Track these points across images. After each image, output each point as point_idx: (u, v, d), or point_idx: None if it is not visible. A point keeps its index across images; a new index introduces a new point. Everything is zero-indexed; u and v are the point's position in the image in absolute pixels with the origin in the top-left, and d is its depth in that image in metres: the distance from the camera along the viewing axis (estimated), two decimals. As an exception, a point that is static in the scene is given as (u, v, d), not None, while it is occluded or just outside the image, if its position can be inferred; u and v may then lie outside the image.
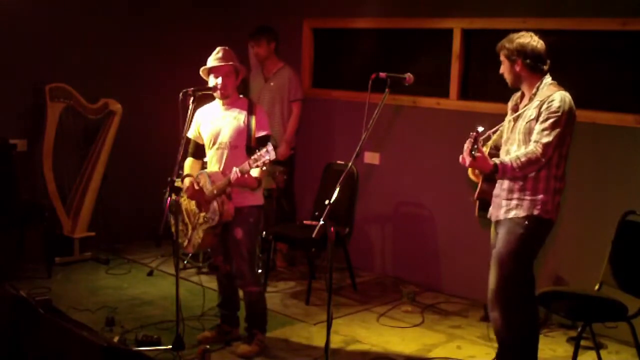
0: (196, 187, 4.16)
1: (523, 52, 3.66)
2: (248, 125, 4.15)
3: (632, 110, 4.64)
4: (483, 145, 3.91)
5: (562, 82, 3.75)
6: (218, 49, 4.22)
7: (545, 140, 3.55)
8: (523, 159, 3.56)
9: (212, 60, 4.17)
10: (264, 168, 3.97)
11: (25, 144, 5.74)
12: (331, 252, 3.56)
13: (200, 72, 4.24)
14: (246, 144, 4.14)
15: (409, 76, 3.79)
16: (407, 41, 5.84)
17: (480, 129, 3.52)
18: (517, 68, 3.68)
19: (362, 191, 5.80)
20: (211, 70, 4.18)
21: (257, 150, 3.87)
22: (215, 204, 4.10)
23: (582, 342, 4.11)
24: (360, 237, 6.00)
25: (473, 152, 3.49)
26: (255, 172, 4.03)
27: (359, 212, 5.83)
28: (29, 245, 5.65)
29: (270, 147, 3.81)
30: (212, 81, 4.15)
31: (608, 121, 4.71)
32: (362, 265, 5.99)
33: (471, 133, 3.51)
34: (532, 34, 3.72)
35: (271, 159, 3.82)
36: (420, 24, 5.63)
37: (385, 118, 5.46)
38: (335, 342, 4.48)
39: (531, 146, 3.59)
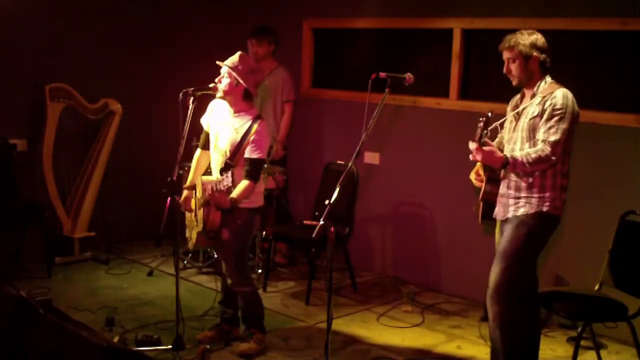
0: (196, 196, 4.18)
1: (538, 48, 3.66)
2: (242, 139, 4.11)
3: (632, 110, 4.65)
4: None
5: (562, 82, 3.75)
6: (238, 53, 4.20)
7: (553, 138, 3.56)
8: (533, 156, 3.56)
9: (226, 60, 4.17)
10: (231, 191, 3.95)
11: (25, 144, 5.74)
12: (331, 252, 3.56)
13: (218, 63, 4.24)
14: (233, 155, 4.11)
15: (408, 76, 3.78)
16: (407, 41, 5.84)
17: (490, 114, 3.52)
18: (532, 65, 3.67)
19: (362, 191, 5.81)
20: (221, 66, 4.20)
21: (222, 173, 3.92)
22: (201, 212, 4.10)
23: (582, 342, 4.11)
24: (360, 237, 6.00)
25: (482, 140, 3.50)
26: (233, 193, 4.01)
27: (359, 212, 5.83)
28: (29, 245, 5.65)
29: (229, 173, 3.84)
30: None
31: (608, 121, 4.72)
32: (362, 265, 5.99)
33: (480, 119, 3.51)
34: (534, 31, 3.73)
35: (229, 185, 3.84)
36: (420, 24, 5.63)
37: (385, 118, 5.46)
38: (335, 342, 4.48)
39: (539, 145, 3.59)
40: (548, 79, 3.71)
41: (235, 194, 4.01)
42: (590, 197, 4.79)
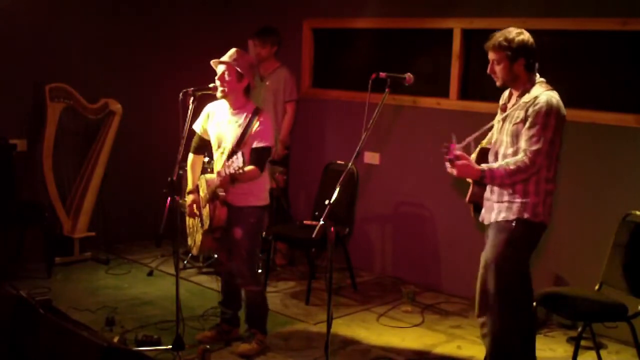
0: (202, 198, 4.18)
1: (525, 51, 3.56)
2: (244, 131, 4.12)
3: (632, 110, 4.64)
4: (477, 146, 3.86)
5: (561, 82, 3.74)
6: (233, 49, 4.21)
7: (534, 147, 3.47)
8: (512, 167, 3.49)
9: (223, 57, 4.17)
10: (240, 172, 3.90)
11: (25, 144, 5.74)
12: (331, 252, 3.56)
13: (212, 63, 4.23)
14: (236, 147, 4.10)
15: (408, 76, 3.77)
16: (407, 41, 5.84)
17: (454, 138, 3.48)
18: (517, 67, 3.58)
19: (362, 191, 5.80)
20: (218, 64, 4.18)
21: (229, 158, 3.90)
22: (207, 208, 4.10)
23: (582, 342, 4.11)
24: (360, 237, 6.00)
25: (449, 163, 3.48)
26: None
27: (359, 212, 5.83)
28: (29, 245, 5.65)
29: (240, 153, 3.80)
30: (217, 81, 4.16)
31: (608, 121, 4.71)
32: (362, 265, 5.99)
33: (444, 144, 3.47)
34: (522, 29, 3.62)
35: (240, 166, 3.80)
36: (420, 24, 5.63)
37: (385, 118, 5.46)
38: (335, 342, 4.48)
39: (520, 155, 3.50)
40: (536, 79, 3.62)
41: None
42: (590, 197, 4.79)
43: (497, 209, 3.67)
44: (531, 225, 3.60)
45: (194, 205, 4.25)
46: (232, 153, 4.03)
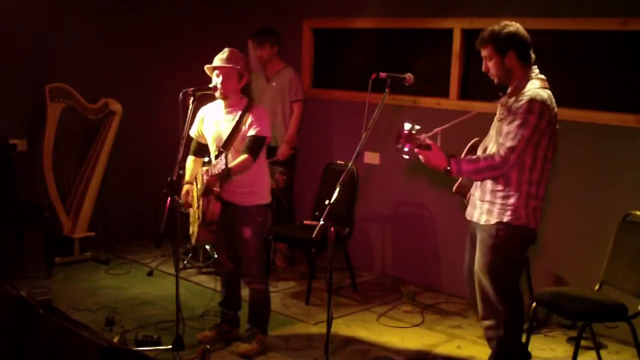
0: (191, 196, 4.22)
1: (514, 42, 3.46)
2: (236, 125, 4.12)
3: (632, 110, 4.64)
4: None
5: (562, 82, 3.73)
6: (225, 49, 4.21)
7: (509, 144, 3.37)
8: (481, 163, 3.41)
9: (216, 60, 4.17)
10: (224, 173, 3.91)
11: (25, 144, 5.74)
12: (331, 252, 3.56)
13: (205, 69, 4.24)
14: (226, 143, 4.11)
15: (409, 76, 3.76)
16: (407, 41, 5.84)
17: (410, 126, 3.41)
18: (509, 61, 3.48)
19: (362, 191, 5.80)
20: (215, 69, 4.18)
21: (216, 159, 3.93)
22: (201, 202, 4.12)
23: (582, 342, 4.11)
24: (360, 237, 6.00)
25: (401, 148, 3.39)
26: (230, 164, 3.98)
27: (359, 212, 5.83)
28: (29, 245, 5.65)
29: (223, 155, 3.82)
30: (214, 80, 4.16)
31: (608, 121, 4.71)
32: (362, 265, 5.99)
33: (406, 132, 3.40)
34: (512, 22, 3.54)
35: (221, 168, 3.81)
36: (420, 24, 5.63)
37: (385, 118, 5.44)
38: (335, 342, 4.48)
39: (494, 151, 3.42)
40: (533, 75, 3.51)
41: (231, 164, 3.96)
42: (590, 197, 4.79)
43: (479, 208, 3.63)
44: (513, 228, 3.50)
45: (189, 196, 4.26)
46: (219, 154, 4.04)
